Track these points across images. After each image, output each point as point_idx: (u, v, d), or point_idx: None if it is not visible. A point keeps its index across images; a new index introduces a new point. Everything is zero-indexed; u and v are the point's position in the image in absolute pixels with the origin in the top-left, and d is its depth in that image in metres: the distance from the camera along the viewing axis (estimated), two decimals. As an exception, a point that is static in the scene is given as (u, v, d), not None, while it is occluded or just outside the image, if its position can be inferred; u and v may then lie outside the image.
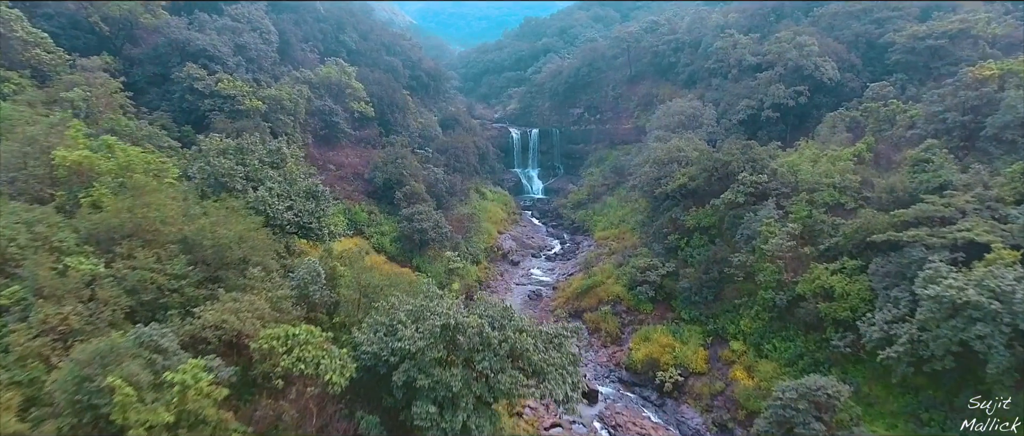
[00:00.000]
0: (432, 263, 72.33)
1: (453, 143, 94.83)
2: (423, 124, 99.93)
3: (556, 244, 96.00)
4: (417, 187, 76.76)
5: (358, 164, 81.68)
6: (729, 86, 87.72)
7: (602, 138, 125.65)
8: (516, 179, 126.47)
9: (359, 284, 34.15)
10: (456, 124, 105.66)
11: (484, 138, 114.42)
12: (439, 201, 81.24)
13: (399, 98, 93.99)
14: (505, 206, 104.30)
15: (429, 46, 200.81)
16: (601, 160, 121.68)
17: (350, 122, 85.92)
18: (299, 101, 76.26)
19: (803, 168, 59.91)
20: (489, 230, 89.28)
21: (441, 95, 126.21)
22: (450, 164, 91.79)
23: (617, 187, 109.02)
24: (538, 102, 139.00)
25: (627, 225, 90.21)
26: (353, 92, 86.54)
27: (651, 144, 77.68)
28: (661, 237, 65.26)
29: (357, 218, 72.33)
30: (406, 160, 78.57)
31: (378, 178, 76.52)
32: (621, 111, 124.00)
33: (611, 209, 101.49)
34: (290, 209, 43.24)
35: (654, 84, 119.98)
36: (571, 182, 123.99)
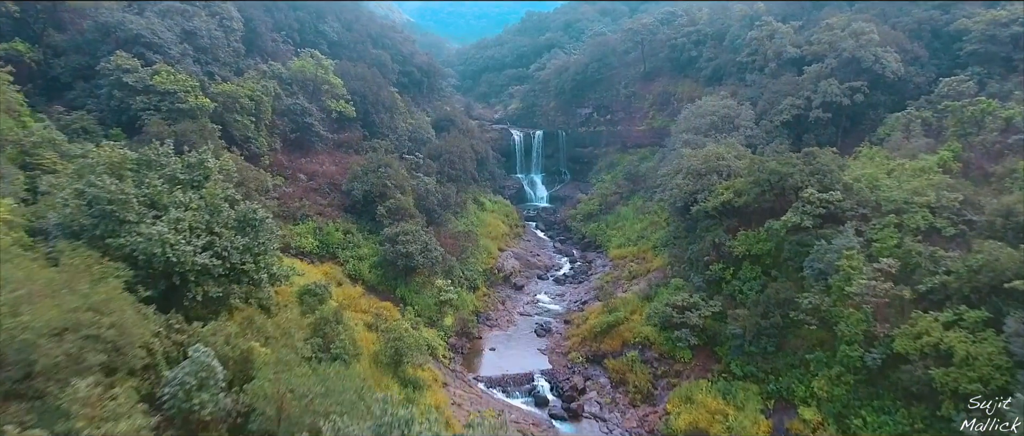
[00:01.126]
0: (420, 293, 59.61)
1: (448, 147, 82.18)
2: (414, 125, 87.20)
3: (565, 263, 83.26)
4: (403, 200, 64.02)
5: (335, 173, 68.92)
6: (766, 82, 74.94)
7: (613, 141, 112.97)
8: (518, 186, 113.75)
9: (277, 398, 21.20)
10: (451, 125, 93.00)
11: (483, 141, 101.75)
12: (430, 216, 68.53)
13: (385, 96, 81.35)
14: (506, 218, 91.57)
15: (425, 44, 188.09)
16: (612, 165, 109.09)
17: (327, 123, 73.19)
18: (263, 99, 63.63)
19: (884, 183, 47.22)
20: (488, 248, 76.56)
21: (436, 93, 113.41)
22: (444, 171, 79.09)
23: (632, 196, 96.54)
24: (542, 101, 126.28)
25: (647, 242, 77.51)
26: (330, 89, 73.82)
27: (681, 150, 64.91)
28: (700, 266, 52.50)
29: (329, 239, 59.52)
30: (391, 168, 65.82)
31: (356, 190, 63.77)
32: (634, 111, 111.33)
33: (626, 221, 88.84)
34: (209, 248, 30.39)
35: (671, 81, 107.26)
36: (579, 189, 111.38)
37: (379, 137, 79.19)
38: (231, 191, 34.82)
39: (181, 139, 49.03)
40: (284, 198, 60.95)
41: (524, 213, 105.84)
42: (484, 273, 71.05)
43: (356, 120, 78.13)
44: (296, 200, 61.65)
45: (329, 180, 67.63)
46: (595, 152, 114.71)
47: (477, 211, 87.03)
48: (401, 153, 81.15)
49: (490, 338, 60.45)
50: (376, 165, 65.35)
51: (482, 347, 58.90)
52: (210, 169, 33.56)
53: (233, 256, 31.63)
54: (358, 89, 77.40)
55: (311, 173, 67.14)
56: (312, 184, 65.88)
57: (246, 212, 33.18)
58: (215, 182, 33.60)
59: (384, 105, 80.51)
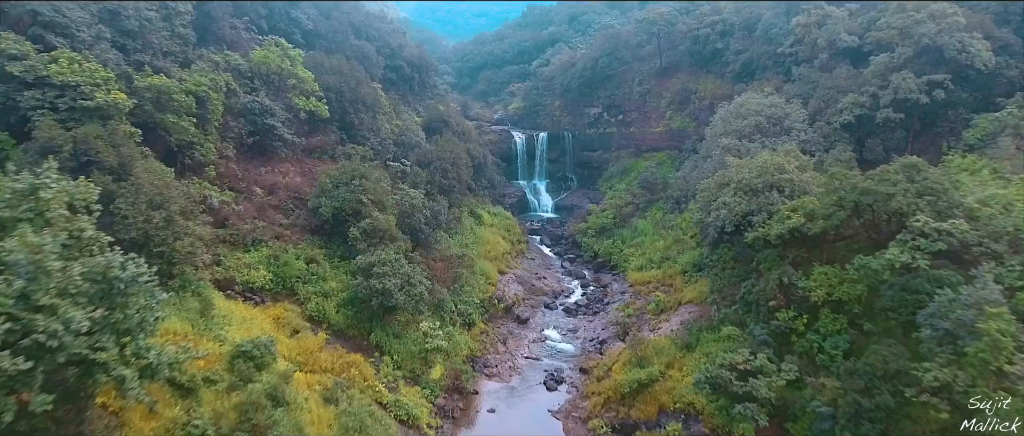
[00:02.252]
0: (401, 337, 47.17)
1: (440, 152, 69.69)
2: (401, 127, 74.68)
3: (576, 287, 70.82)
4: (383, 219, 51.50)
5: (301, 185, 56.38)
6: (817, 77, 62.46)
7: (626, 143, 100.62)
8: (520, 194, 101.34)
9: None
10: (445, 127, 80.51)
11: (481, 144, 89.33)
12: (416, 237, 56.06)
13: (367, 93, 68.81)
14: (507, 233, 79.08)
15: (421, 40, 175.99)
16: (625, 171, 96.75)
17: (294, 125, 60.61)
18: (211, 96, 51.14)
19: (1020, 207, 34.80)
20: (487, 272, 64.06)
21: (428, 91, 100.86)
22: (434, 181, 66.58)
23: (649, 207, 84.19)
24: (546, 100, 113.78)
25: (673, 265, 65.08)
26: (299, 84, 61.26)
27: (724, 159, 52.46)
28: (761, 312, 39.98)
29: (287, 270, 46.88)
30: (368, 180, 53.27)
31: (324, 207, 51.20)
32: (649, 111, 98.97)
33: (645, 238, 76.44)
34: (13, 338, 17.86)
35: (691, 77, 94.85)
36: (588, 197, 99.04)
37: (358, 141, 66.65)
38: (89, 232, 22.20)
39: (80, 147, 36.79)
40: (233, 218, 48.40)
41: (527, 225, 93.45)
42: (481, 304, 58.55)
43: (331, 121, 65.60)
44: (248, 221, 49.10)
45: (293, 194, 55.07)
46: (605, 156, 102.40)
47: (474, 226, 74.56)
48: (385, 159, 68.63)
49: (488, 393, 47.96)
50: (349, 176, 52.80)
51: (478, 406, 46.43)
52: (45, 201, 20.93)
53: (69, 344, 19.06)
54: (333, 84, 64.86)
55: (270, 185, 54.56)
56: (271, 200, 53.28)
57: (103, 270, 20.55)
58: (55, 220, 20.99)
59: (365, 103, 67.99)
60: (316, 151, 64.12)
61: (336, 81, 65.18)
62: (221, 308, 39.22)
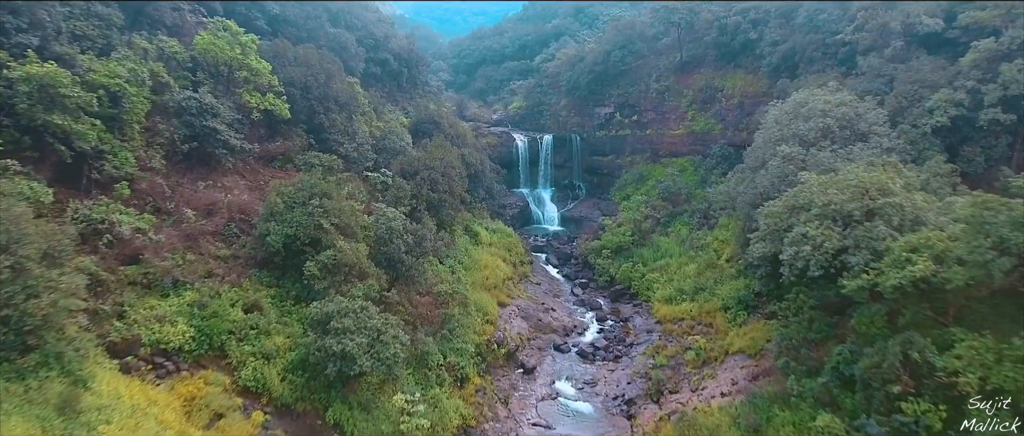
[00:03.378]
0: (368, 412, 35.21)
1: (428, 160, 57.60)
2: (383, 130, 62.53)
3: (590, 321, 58.86)
4: (350, 251, 39.43)
5: (249, 203, 44.20)
6: (891, 69, 50.41)
7: (641, 147, 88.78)
8: (522, 204, 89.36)
9: None
10: (436, 129, 68.42)
11: (478, 148, 77.29)
12: (395, 268, 44.00)
13: (341, 89, 56.62)
14: (509, 253, 67.03)
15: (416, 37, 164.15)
16: (641, 178, 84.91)
17: (246, 128, 48.55)
18: (128, 90, 39.15)
19: None
20: (484, 305, 52.01)
21: (418, 88, 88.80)
22: (421, 194, 54.57)
23: (672, 221, 72.47)
24: (550, 99, 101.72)
25: (710, 297, 53.20)
26: (252, 77, 49.13)
27: (786, 170, 40.43)
28: (877, 399, 27.81)
29: (217, 323, 34.67)
30: (330, 199, 41.15)
31: (273, 235, 39.02)
32: (667, 111, 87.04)
33: (670, 259, 64.59)
34: None
35: (717, 72, 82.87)
36: (599, 208, 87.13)
37: (329, 147, 54.56)
38: None
39: None
40: (148, 252, 36.27)
41: (530, 240, 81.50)
42: (477, 351, 46.51)
43: (295, 122, 53.53)
44: (170, 254, 37.01)
45: (239, 215, 42.89)
46: (618, 161, 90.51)
47: (469, 246, 62.52)
48: (362, 169, 56.64)
49: (486, 484, 36.06)
50: (307, 194, 40.64)
51: (472, 505, 34.52)
52: None
53: None
54: (298, 79, 52.72)
55: (208, 205, 42.36)
56: (206, 224, 41.07)
57: None
58: None
59: (337, 101, 55.82)
60: (277, 159, 52.01)
61: (301, 75, 53.04)
62: (103, 392, 27.17)
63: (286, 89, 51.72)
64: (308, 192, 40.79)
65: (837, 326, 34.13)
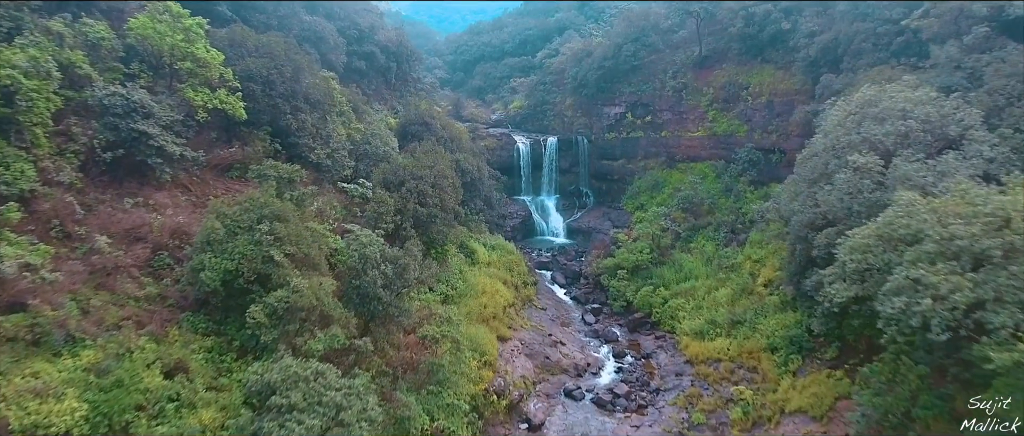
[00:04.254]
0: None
1: (416, 168, 48.62)
2: (364, 133, 53.44)
3: (606, 357, 49.99)
4: (308, 291, 30.44)
5: (187, 226, 35.10)
6: (974, 61, 41.45)
7: (656, 151, 79.98)
8: (524, 214, 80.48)
9: None
10: (426, 131, 59.46)
11: (475, 152, 68.37)
12: (370, 307, 35.01)
13: (312, 86, 47.55)
14: (510, 273, 58.06)
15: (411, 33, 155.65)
16: (656, 186, 76.06)
17: (191, 132, 39.57)
18: (24, 83, 30.32)
19: None
20: (481, 343, 43.09)
21: (410, 85, 79.87)
22: (406, 209, 45.64)
23: (695, 235, 63.84)
24: (554, 98, 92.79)
25: (752, 333, 44.30)
26: (198, 69, 40.10)
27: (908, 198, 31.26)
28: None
29: (121, 397, 25.63)
30: (286, 222, 32.16)
31: (210, 269, 29.97)
32: (685, 110, 78.11)
33: (696, 282, 55.86)
34: None
35: (742, 68, 73.94)
36: (609, 218, 78.33)
37: (298, 153, 45.63)
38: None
39: None
40: (38, 296, 27.26)
41: (533, 254, 72.70)
42: (472, 406, 37.61)
43: (257, 124, 44.58)
44: (66, 298, 28.00)
45: (172, 242, 33.90)
46: (630, 166, 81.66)
47: (464, 267, 53.59)
48: (337, 179, 47.75)
49: None
50: (256, 216, 31.67)
51: None
52: None
53: None
54: (259, 72, 43.65)
55: (131, 230, 33.30)
56: (126, 254, 32.06)
57: None
58: None
59: (308, 99, 46.80)
60: (235, 168, 42.92)
61: (263, 67, 43.98)
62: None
63: (243, 84, 42.73)
64: (256, 214, 31.81)
65: (952, 400, 25.24)
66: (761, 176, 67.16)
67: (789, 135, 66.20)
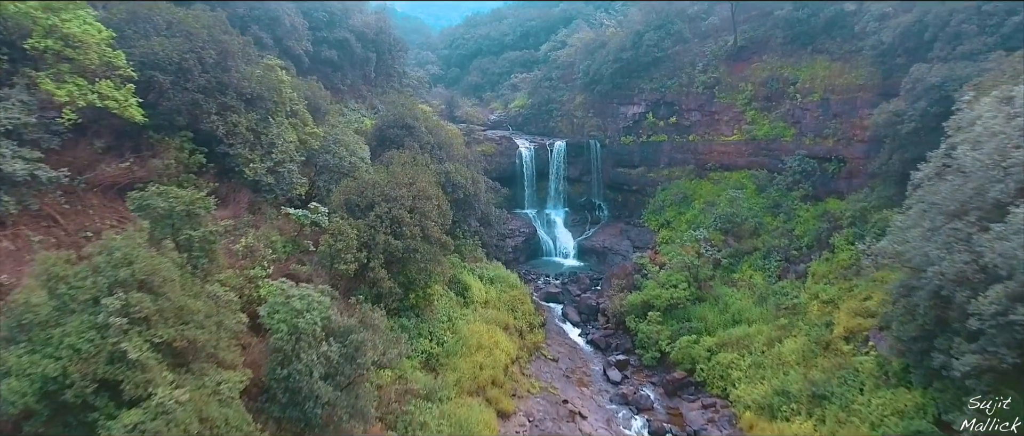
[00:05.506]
0: None
1: (389, 186, 36.33)
2: (325, 139, 40.87)
3: (638, 430, 37.75)
4: (190, 407, 18.18)
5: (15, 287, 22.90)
6: None
7: (682, 157, 67.80)
8: (528, 231, 68.20)
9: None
10: (408, 136, 47.21)
11: (470, 160, 56.07)
12: (304, 412, 22.68)
13: (249, 78, 35.12)
14: (512, 314, 45.86)
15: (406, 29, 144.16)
16: (684, 199, 63.96)
17: (57, 141, 27.23)
18: None
19: None
20: (475, 429, 30.88)
21: (394, 80, 67.53)
22: (376, 244, 33.34)
23: (739, 264, 51.96)
24: (562, 95, 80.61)
25: (850, 418, 31.82)
26: (70, 51, 27.70)
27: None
28: None
29: None
30: (165, 293, 19.86)
31: (13, 378, 17.76)
32: (717, 110, 65.85)
33: (750, 328, 43.63)
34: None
35: (787, 60, 61.67)
36: (627, 236, 66.25)
37: (230, 168, 33.35)
38: None
39: None
40: None
41: (539, 282, 60.51)
42: None
43: (172, 129, 32.24)
44: None
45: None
46: (651, 176, 69.54)
47: (455, 311, 41.37)
48: (281, 200, 35.48)
49: None
50: (109, 280, 19.33)
51: None
52: None
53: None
54: (168, 58, 31.26)
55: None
56: None
57: None
58: None
59: (243, 95, 34.41)
60: (137, 187, 30.56)
61: (173, 50, 31.61)
62: None
63: (144, 74, 30.42)
64: (110, 276, 19.47)
65: None
66: (816, 190, 55.11)
67: (850, 140, 54.22)
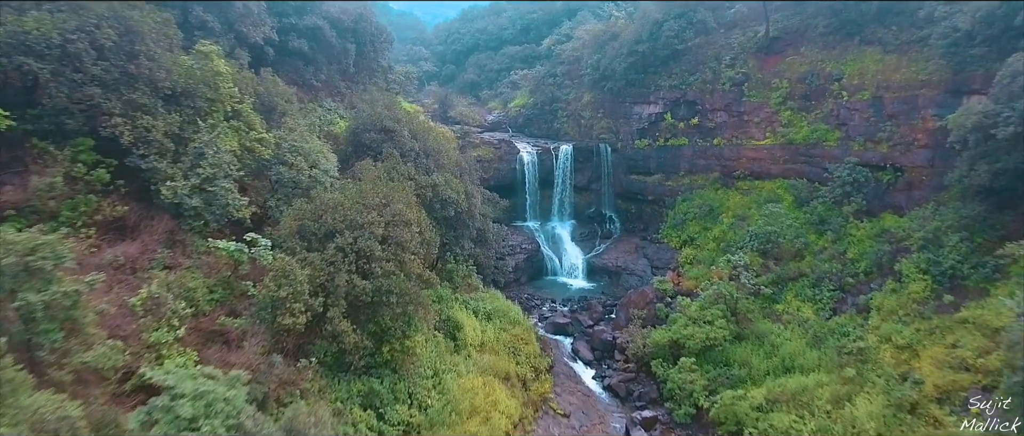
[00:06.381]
0: None
1: (354, 210, 27.82)
2: (278, 148, 32.21)
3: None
4: None
5: None
6: None
7: (706, 164, 59.41)
8: (531, 248, 59.64)
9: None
10: (387, 142, 38.68)
11: (466, 167, 47.34)
12: None
13: (169, 69, 26.56)
14: (514, 360, 37.42)
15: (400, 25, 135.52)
16: (709, 212, 55.65)
17: None
18: None
19: None
20: None
21: (377, 76, 58.86)
22: (334, 285, 24.78)
23: (783, 292, 43.68)
24: (568, 94, 72.09)
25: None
26: None
27: None
28: None
29: None
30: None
31: None
32: (746, 110, 57.31)
33: (806, 378, 35.03)
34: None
35: (829, 53, 53.16)
36: (644, 253, 57.98)
37: (148, 186, 24.80)
38: None
39: None
40: None
41: (544, 308, 52.01)
42: None
43: (62, 136, 23.68)
44: None
45: None
46: (669, 184, 61.12)
47: (443, 359, 32.93)
48: (211, 229, 26.92)
49: None
50: None
51: None
52: None
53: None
54: (48, 41, 22.78)
55: None
56: None
57: None
58: None
59: (158, 92, 25.84)
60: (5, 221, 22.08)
61: (57, 30, 23.04)
62: None
63: (14, 60, 21.94)
64: None
65: None
66: (869, 204, 46.74)
67: (910, 145, 45.89)
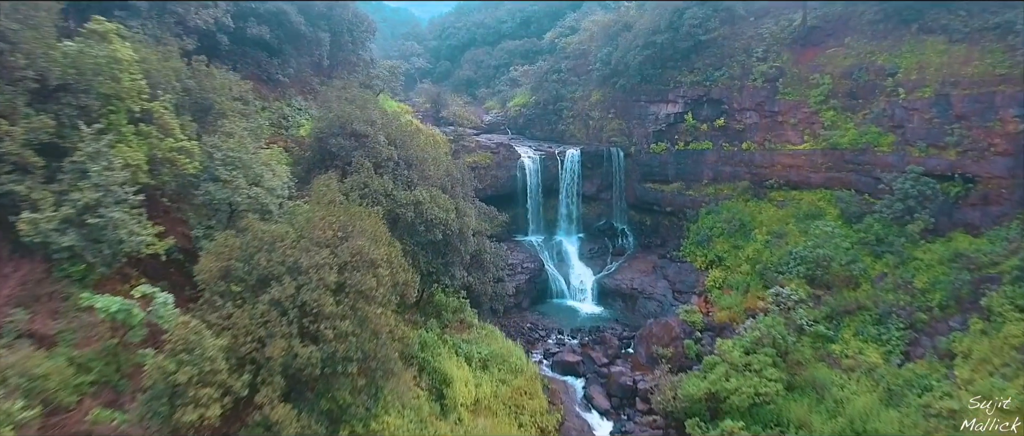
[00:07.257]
0: None
1: (297, 250, 20.31)
2: (208, 159, 24.62)
3: None
4: None
5: None
6: None
7: (733, 170, 51.91)
8: (534, 265, 52.03)
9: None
10: (357, 149, 31.26)
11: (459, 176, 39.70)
12: None
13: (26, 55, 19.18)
14: (515, 419, 29.79)
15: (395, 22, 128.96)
16: (740, 227, 48.13)
17: None
18: None
19: None
20: None
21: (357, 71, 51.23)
22: (267, 353, 17.13)
23: (839, 328, 35.83)
24: (574, 91, 64.54)
25: None
26: None
27: None
28: None
29: None
30: None
31: None
32: (781, 110, 49.77)
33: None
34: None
35: (879, 44, 45.69)
36: (663, 273, 50.71)
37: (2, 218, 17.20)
38: None
39: None
40: None
41: (550, 340, 44.39)
42: None
43: None
44: None
45: None
46: (690, 194, 53.60)
47: (424, 429, 25.25)
48: (92, 280, 19.20)
49: None
50: None
51: None
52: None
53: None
54: None
55: None
56: None
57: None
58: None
59: (19, 85, 18.38)
60: None
61: None
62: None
63: None
64: None
65: None
66: (936, 222, 39.29)
67: (985, 152, 38.54)
